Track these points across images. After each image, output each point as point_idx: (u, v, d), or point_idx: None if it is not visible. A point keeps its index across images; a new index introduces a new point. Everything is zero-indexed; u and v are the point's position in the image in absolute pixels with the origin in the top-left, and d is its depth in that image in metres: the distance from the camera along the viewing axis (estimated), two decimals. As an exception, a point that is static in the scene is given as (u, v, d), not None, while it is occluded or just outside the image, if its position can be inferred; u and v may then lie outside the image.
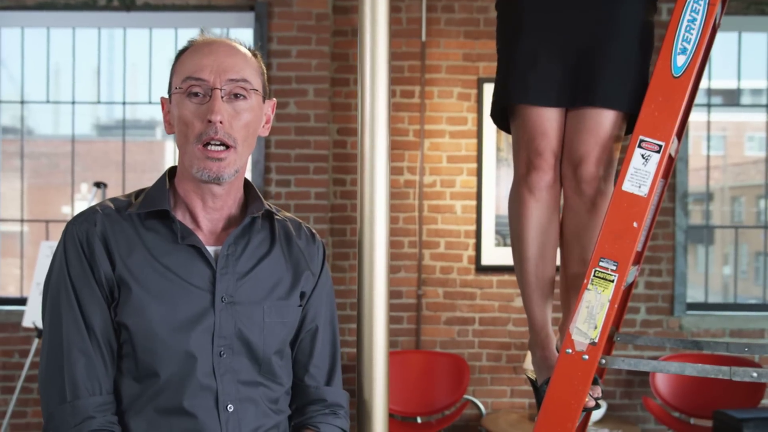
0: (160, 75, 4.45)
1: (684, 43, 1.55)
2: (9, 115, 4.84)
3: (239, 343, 1.38)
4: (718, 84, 4.69)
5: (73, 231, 1.36)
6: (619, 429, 3.91)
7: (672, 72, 1.55)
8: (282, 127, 4.12)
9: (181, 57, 1.41)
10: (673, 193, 4.36)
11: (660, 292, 4.39)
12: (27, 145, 4.68)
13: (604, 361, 1.60)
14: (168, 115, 1.43)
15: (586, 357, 1.54)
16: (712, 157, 4.99)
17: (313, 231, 1.57)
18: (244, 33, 4.29)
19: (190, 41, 1.43)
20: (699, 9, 1.55)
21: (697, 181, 5.06)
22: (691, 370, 1.60)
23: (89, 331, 1.33)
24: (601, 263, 1.55)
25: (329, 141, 4.21)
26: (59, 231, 1.39)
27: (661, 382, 4.19)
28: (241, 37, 1.50)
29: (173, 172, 1.46)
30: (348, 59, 4.37)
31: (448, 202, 4.38)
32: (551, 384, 1.57)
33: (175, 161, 1.45)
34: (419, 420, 4.26)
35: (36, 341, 3.85)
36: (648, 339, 1.98)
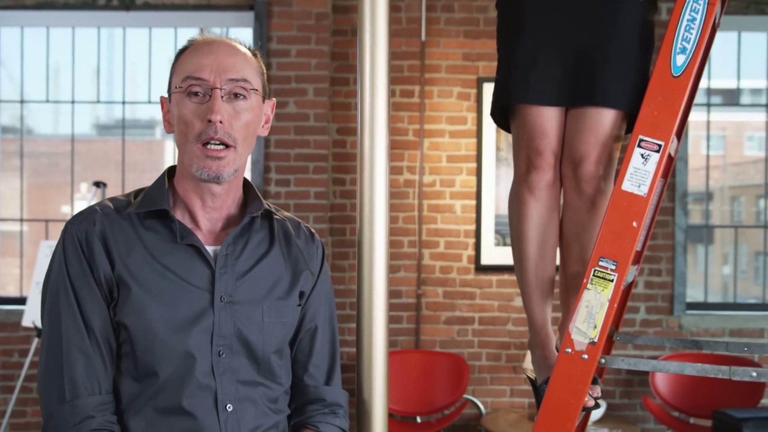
0: (159, 74, 4.45)
1: (683, 43, 1.55)
2: (8, 115, 4.83)
3: (238, 343, 1.38)
4: (717, 83, 4.69)
5: (73, 230, 1.36)
6: (619, 428, 3.91)
7: (671, 71, 1.55)
8: (281, 127, 4.12)
9: (181, 56, 1.41)
10: (673, 193, 4.36)
11: (659, 291, 4.39)
12: (26, 145, 4.68)
13: (603, 361, 1.60)
14: (167, 115, 1.43)
15: (585, 356, 1.54)
16: (711, 157, 4.99)
17: (312, 231, 1.57)
18: (243, 32, 4.29)
19: (190, 40, 1.43)
20: (698, 8, 1.55)
21: (697, 181, 5.06)
22: (691, 369, 1.60)
23: (88, 331, 1.33)
24: (601, 263, 1.55)
25: (329, 140, 4.21)
26: (59, 230, 1.39)
27: (661, 381, 4.19)
28: (241, 37, 1.49)
29: (172, 171, 1.46)
30: (347, 59, 4.37)
31: (447, 201, 4.38)
32: (551, 383, 1.57)
33: (175, 161, 1.45)
34: (419, 419, 4.26)
35: (35, 341, 3.84)
36: (647, 338, 1.98)
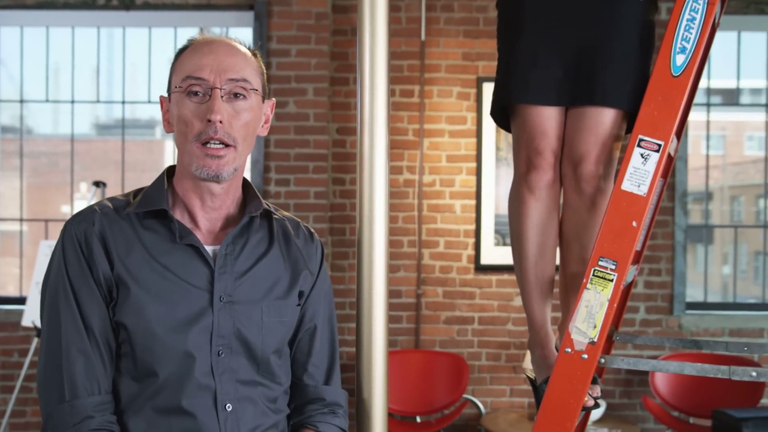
0: (159, 74, 4.45)
1: (683, 43, 1.55)
2: (8, 115, 4.83)
3: (238, 343, 1.37)
4: (717, 83, 4.69)
5: (72, 230, 1.36)
6: (619, 428, 3.91)
7: (671, 71, 1.55)
8: (281, 127, 4.12)
9: (181, 56, 1.41)
10: (673, 193, 4.36)
11: (659, 291, 4.39)
12: (26, 145, 4.68)
13: (603, 361, 1.60)
14: (167, 114, 1.43)
15: (585, 356, 1.54)
16: (711, 157, 5.00)
17: (312, 230, 1.57)
18: (243, 32, 4.29)
19: (189, 40, 1.43)
20: (698, 8, 1.55)
21: (697, 181, 5.06)
22: (691, 369, 1.59)
23: (88, 331, 1.33)
24: (601, 262, 1.55)
25: (328, 140, 4.21)
26: (58, 230, 1.39)
27: (661, 381, 4.19)
28: (241, 37, 1.49)
29: (172, 171, 1.46)
30: (347, 58, 4.37)
31: (447, 201, 4.38)
32: (550, 383, 1.57)
33: (175, 160, 1.45)
34: (418, 419, 4.26)
35: (35, 340, 3.84)
36: (647, 338, 1.98)
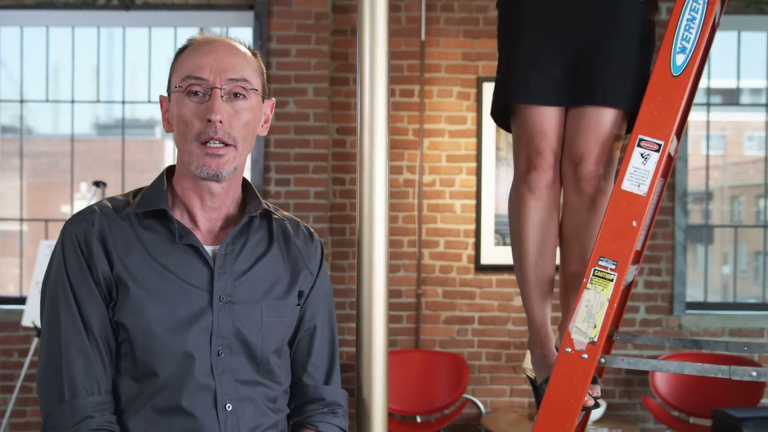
0: (159, 74, 4.45)
1: (683, 42, 1.55)
2: (8, 114, 4.83)
3: (237, 343, 1.37)
4: (717, 83, 4.69)
5: (71, 231, 1.36)
6: (619, 428, 3.91)
7: (671, 71, 1.55)
8: (281, 127, 4.12)
9: (181, 55, 1.41)
10: (673, 193, 4.36)
11: (659, 291, 4.39)
12: (26, 144, 4.68)
13: (603, 360, 1.60)
14: (167, 114, 1.43)
15: (585, 356, 1.54)
16: (711, 157, 4.99)
17: (311, 230, 1.57)
18: (243, 32, 4.29)
19: (189, 39, 1.42)
20: (698, 8, 1.55)
21: (697, 181, 5.06)
22: (691, 369, 1.59)
23: (87, 331, 1.33)
24: (601, 262, 1.55)
25: (328, 140, 4.21)
26: (58, 230, 1.39)
27: (661, 381, 4.19)
28: (241, 36, 1.49)
29: (171, 171, 1.46)
30: (347, 58, 4.37)
31: (447, 201, 4.38)
32: (550, 383, 1.57)
33: (175, 160, 1.45)
34: (418, 419, 4.26)
35: (35, 340, 3.84)
36: (647, 338, 1.97)
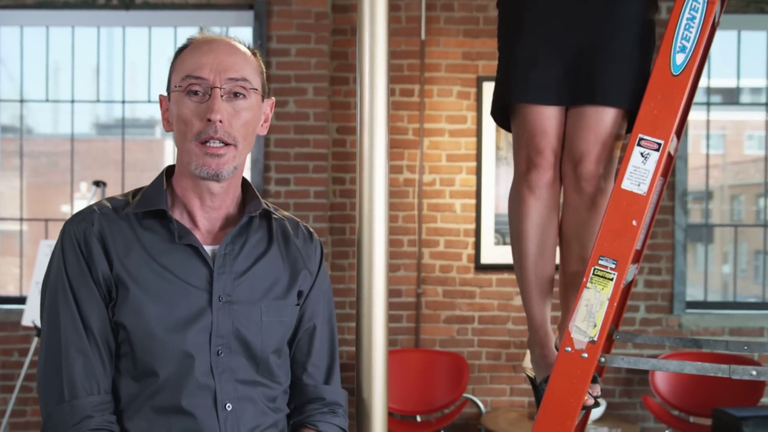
0: (159, 73, 4.44)
1: (683, 42, 1.55)
2: (8, 114, 4.83)
3: (237, 343, 1.37)
4: (717, 82, 4.68)
5: (71, 231, 1.36)
6: (619, 427, 3.91)
7: (671, 70, 1.55)
8: (281, 126, 4.12)
9: (181, 55, 1.40)
10: (673, 192, 4.36)
11: (659, 290, 4.39)
12: (26, 144, 4.68)
13: (603, 360, 1.60)
14: (166, 113, 1.43)
15: (585, 355, 1.54)
16: (711, 156, 4.99)
17: (311, 230, 1.57)
18: (243, 32, 4.29)
19: (189, 39, 1.42)
20: (698, 7, 1.55)
21: (697, 180, 5.06)
22: (691, 368, 1.59)
23: (87, 331, 1.33)
24: (601, 261, 1.55)
25: (328, 140, 4.21)
26: (58, 230, 1.39)
27: (661, 380, 4.19)
28: (240, 36, 1.49)
29: (171, 171, 1.46)
30: (347, 58, 4.37)
31: (447, 200, 4.38)
32: (550, 382, 1.57)
33: (175, 160, 1.45)
34: (419, 418, 4.27)
35: (35, 340, 3.84)
36: (647, 337, 1.97)
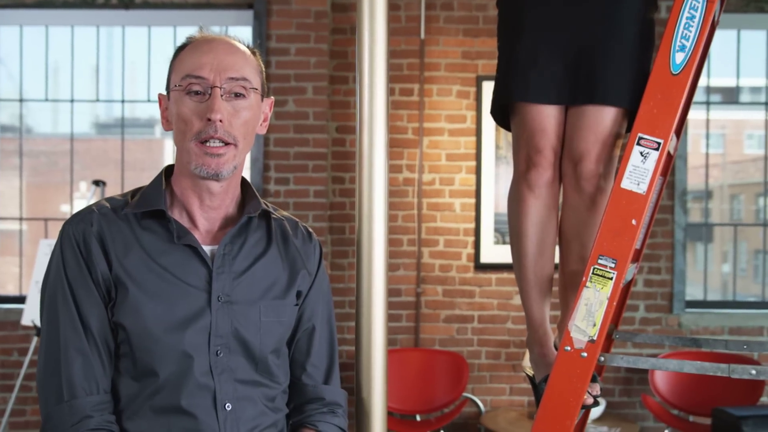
0: (159, 73, 4.44)
1: (683, 41, 1.55)
2: (8, 114, 4.83)
3: (236, 343, 1.37)
4: (717, 82, 4.68)
5: (70, 231, 1.36)
6: (618, 427, 3.91)
7: (671, 69, 1.55)
8: (281, 125, 4.12)
9: (180, 54, 1.40)
10: (672, 191, 4.36)
11: (659, 289, 4.39)
12: (26, 144, 4.68)
13: (602, 359, 1.60)
14: (166, 112, 1.42)
15: (584, 354, 1.54)
16: (711, 155, 5.00)
17: (310, 230, 1.57)
18: (242, 31, 4.28)
19: (188, 38, 1.42)
20: (698, 6, 1.55)
21: (696, 179, 5.06)
22: (690, 367, 1.59)
23: (86, 331, 1.33)
24: (600, 260, 1.55)
25: (328, 139, 4.21)
26: (58, 229, 1.39)
27: (660, 379, 4.19)
28: (240, 35, 1.49)
29: (170, 170, 1.46)
30: (347, 57, 4.36)
31: (447, 200, 4.38)
32: (550, 381, 1.57)
33: (175, 159, 1.45)
34: (418, 418, 4.27)
35: (35, 339, 3.84)
36: (647, 336, 1.97)
